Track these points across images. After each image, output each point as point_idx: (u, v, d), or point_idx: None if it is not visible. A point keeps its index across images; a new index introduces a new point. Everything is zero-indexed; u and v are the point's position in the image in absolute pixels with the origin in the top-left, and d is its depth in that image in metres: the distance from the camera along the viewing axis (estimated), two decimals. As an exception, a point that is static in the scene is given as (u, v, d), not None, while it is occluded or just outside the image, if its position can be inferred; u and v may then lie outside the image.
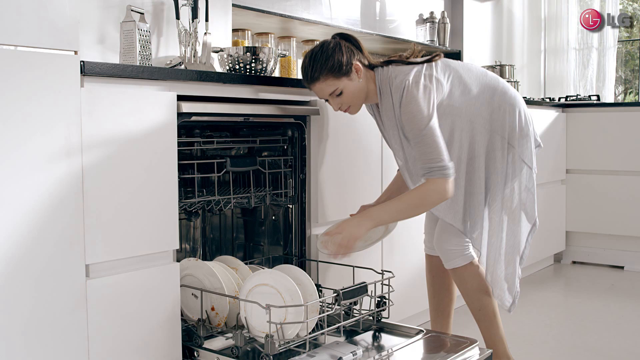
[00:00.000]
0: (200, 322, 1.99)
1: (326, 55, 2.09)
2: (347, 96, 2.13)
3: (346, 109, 2.18)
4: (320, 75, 2.09)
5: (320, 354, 1.89)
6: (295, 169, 2.42)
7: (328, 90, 2.11)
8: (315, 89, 2.14)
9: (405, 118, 2.07)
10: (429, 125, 2.04)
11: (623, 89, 6.14)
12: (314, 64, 2.10)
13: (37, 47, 1.58)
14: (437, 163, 2.02)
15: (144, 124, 1.83)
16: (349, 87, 2.11)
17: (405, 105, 2.06)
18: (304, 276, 2.03)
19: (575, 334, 3.07)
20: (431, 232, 2.48)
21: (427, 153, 2.03)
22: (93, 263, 1.72)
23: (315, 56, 2.10)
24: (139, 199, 1.82)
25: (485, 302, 2.35)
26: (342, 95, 2.12)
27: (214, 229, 2.62)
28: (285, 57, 3.19)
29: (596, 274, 4.31)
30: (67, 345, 1.65)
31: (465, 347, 2.00)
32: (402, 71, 2.14)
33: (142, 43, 2.30)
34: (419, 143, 2.05)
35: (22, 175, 1.55)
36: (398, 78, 2.11)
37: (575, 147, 4.54)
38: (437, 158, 2.02)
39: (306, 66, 2.13)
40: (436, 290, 2.53)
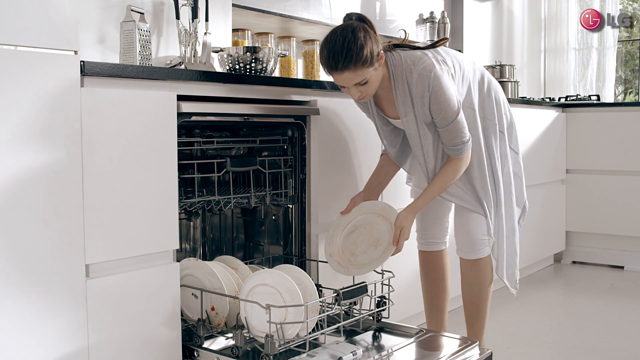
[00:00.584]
0: (200, 322, 1.99)
1: (360, 45, 1.99)
2: (371, 85, 2.08)
3: (361, 98, 2.12)
4: (352, 66, 2.00)
5: (320, 354, 1.89)
6: (295, 168, 2.42)
7: (356, 80, 2.04)
8: (342, 78, 2.04)
9: (435, 108, 2.11)
10: (458, 117, 2.13)
11: (623, 89, 6.14)
12: (347, 53, 1.99)
13: (37, 47, 1.58)
14: (463, 141, 2.16)
15: (144, 123, 1.83)
16: (374, 76, 2.07)
17: (434, 96, 2.09)
18: (304, 276, 2.03)
19: (575, 333, 3.07)
20: (427, 227, 2.50)
21: (456, 137, 2.16)
22: (93, 263, 1.72)
23: (348, 45, 1.99)
24: (139, 199, 1.82)
25: (489, 294, 2.44)
26: (366, 85, 2.06)
27: (214, 228, 2.62)
28: (285, 57, 3.18)
29: (596, 274, 4.30)
30: (67, 345, 1.65)
31: (466, 347, 2.00)
32: (415, 57, 2.14)
33: (142, 43, 2.30)
34: (448, 129, 2.14)
35: (22, 175, 1.55)
36: (417, 66, 2.11)
37: (575, 147, 4.54)
38: (463, 140, 2.16)
39: (336, 53, 2.00)
40: (430, 286, 2.54)
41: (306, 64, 3.35)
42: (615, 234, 4.42)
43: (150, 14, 2.53)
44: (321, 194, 2.44)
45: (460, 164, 2.21)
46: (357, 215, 2.28)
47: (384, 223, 2.25)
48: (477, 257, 2.36)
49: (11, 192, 1.53)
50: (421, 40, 4.38)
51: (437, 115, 2.12)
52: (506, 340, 2.95)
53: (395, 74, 2.15)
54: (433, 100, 2.09)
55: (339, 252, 2.22)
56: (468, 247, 2.36)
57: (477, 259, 2.37)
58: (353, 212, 2.29)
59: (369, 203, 2.30)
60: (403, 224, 2.17)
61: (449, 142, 2.17)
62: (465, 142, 2.17)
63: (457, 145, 2.17)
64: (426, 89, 2.09)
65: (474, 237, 2.34)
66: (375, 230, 2.25)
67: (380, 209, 2.26)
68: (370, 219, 2.26)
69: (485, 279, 2.40)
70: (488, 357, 2.01)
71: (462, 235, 2.38)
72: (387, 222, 2.24)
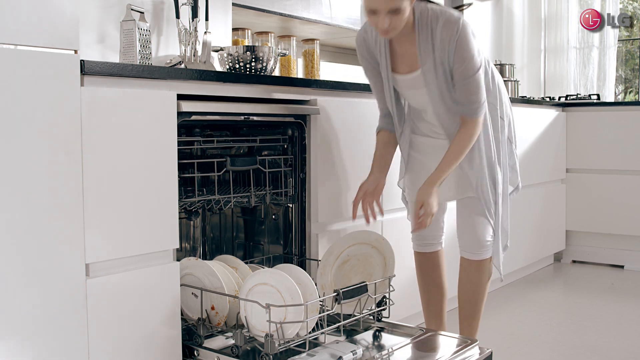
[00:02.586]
0: (200, 321, 1.99)
1: None
2: (400, 19, 2.05)
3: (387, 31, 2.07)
4: None
5: (320, 353, 1.88)
6: (295, 168, 2.42)
7: (395, 5, 2.00)
8: None
9: (459, 57, 2.11)
10: (479, 71, 2.13)
11: (623, 88, 6.14)
12: None
13: (37, 46, 1.57)
14: (479, 103, 2.16)
15: (144, 123, 1.83)
16: (406, 10, 2.05)
17: (460, 44, 2.09)
18: (304, 275, 2.03)
19: (575, 333, 3.07)
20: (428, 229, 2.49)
21: (473, 94, 2.15)
22: (93, 262, 1.72)
23: None
24: (139, 198, 1.82)
25: (487, 293, 2.46)
26: (398, 15, 2.03)
27: (214, 228, 2.62)
28: (285, 56, 3.18)
29: (596, 273, 4.30)
30: (67, 345, 1.65)
31: (466, 346, 2.00)
32: (442, 8, 2.15)
33: (142, 42, 2.30)
34: (467, 84, 2.14)
35: (22, 175, 1.55)
36: (444, 14, 2.11)
37: (575, 146, 4.54)
38: (480, 99, 2.16)
39: None
40: (427, 287, 2.54)
41: (306, 63, 3.35)
42: (616, 233, 4.42)
43: (150, 13, 2.53)
44: (321, 193, 2.44)
45: (475, 129, 2.19)
46: (351, 244, 2.23)
47: (378, 256, 2.24)
48: (482, 258, 2.37)
49: (11, 191, 1.53)
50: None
51: (460, 65, 2.11)
52: (506, 339, 2.95)
53: (421, 20, 2.15)
54: (458, 48, 2.09)
55: (330, 285, 2.19)
56: (475, 248, 2.37)
57: (482, 259, 2.37)
58: (346, 240, 2.24)
59: (362, 232, 2.26)
60: (422, 199, 2.16)
61: (465, 98, 2.15)
62: (481, 103, 2.16)
63: (473, 104, 2.15)
64: (453, 34, 2.09)
65: (481, 239, 2.35)
66: (369, 264, 2.24)
67: (374, 240, 2.24)
68: (364, 250, 2.24)
69: (486, 279, 2.42)
70: (488, 357, 2.01)
71: (468, 236, 2.38)
72: (380, 256, 2.24)
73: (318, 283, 2.17)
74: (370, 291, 2.08)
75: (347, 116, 2.55)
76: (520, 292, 3.81)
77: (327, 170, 2.46)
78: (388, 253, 2.23)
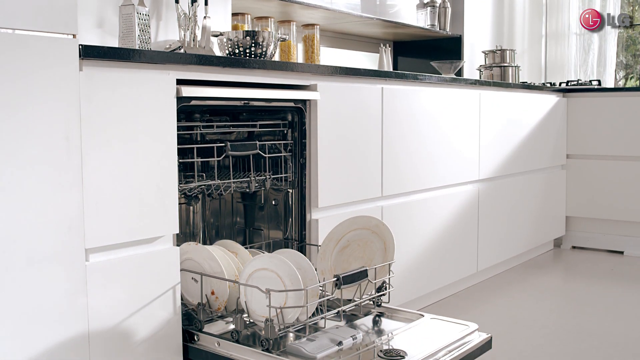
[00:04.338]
0: (200, 306, 2.00)
1: None
2: None
3: None
4: None
5: (320, 338, 1.89)
6: (295, 153, 2.41)
7: None
8: None
9: None
10: None
11: (624, 74, 6.12)
12: None
13: (35, 30, 1.57)
14: None
15: (143, 108, 1.82)
16: None
17: None
18: (304, 261, 2.03)
19: (574, 318, 3.07)
20: None
21: None
22: (93, 247, 1.72)
23: None
24: (139, 184, 1.82)
25: None
26: None
27: (214, 213, 2.62)
28: (285, 42, 3.17)
29: (596, 259, 4.31)
30: (67, 329, 1.66)
31: (465, 331, 2.01)
32: None
33: (141, 27, 2.29)
34: None
35: (21, 160, 1.55)
36: None
37: (575, 132, 4.53)
38: None
39: None
40: None
41: (306, 48, 3.33)
42: (615, 219, 4.42)
43: (149, -3, 2.52)
44: (321, 179, 2.44)
45: None
46: (351, 229, 2.20)
47: (378, 242, 2.23)
48: None
49: (10, 177, 1.53)
50: (422, 24, 4.36)
51: None
52: (505, 324, 2.96)
53: None
54: None
55: (330, 270, 2.18)
56: None
57: None
58: (346, 226, 2.21)
59: (362, 218, 2.23)
60: None
61: None
62: None
63: None
64: None
65: None
66: (369, 249, 2.23)
67: (374, 226, 2.23)
68: (364, 236, 2.22)
69: None
70: (487, 342, 2.02)
71: None
72: (380, 241, 2.23)
73: (318, 268, 2.17)
74: (370, 276, 2.08)
75: (347, 101, 2.55)
76: (520, 278, 3.82)
77: (326, 155, 2.46)
78: (388, 238, 2.22)
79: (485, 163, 3.57)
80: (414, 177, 2.98)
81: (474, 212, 3.46)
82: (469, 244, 3.44)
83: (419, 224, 3.02)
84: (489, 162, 3.61)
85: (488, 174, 3.60)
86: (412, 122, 2.95)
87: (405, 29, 4.13)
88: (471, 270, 3.48)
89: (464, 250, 3.40)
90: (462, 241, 3.37)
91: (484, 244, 3.57)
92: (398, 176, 2.80)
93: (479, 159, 3.50)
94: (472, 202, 3.44)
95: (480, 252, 3.53)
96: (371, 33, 4.20)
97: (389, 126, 2.79)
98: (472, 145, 3.44)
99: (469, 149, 3.41)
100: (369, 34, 4.24)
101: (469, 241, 3.44)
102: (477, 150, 3.48)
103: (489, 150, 3.59)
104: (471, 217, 3.44)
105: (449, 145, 3.24)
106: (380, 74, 2.79)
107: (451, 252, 3.28)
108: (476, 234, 3.49)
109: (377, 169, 2.73)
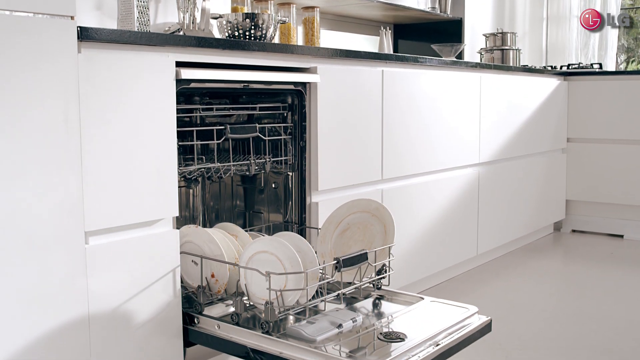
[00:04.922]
0: (200, 289, 2.00)
1: None
2: None
3: None
4: None
5: (320, 320, 1.89)
6: (295, 136, 2.41)
7: None
8: None
9: None
10: None
11: (625, 58, 6.10)
12: None
13: (33, 12, 1.55)
14: None
15: (142, 90, 1.81)
16: None
17: None
18: (304, 243, 2.03)
19: (574, 302, 3.08)
20: None
21: None
22: (92, 230, 1.72)
23: None
24: (138, 166, 1.81)
25: None
26: None
27: (214, 196, 2.62)
28: (285, 24, 3.15)
29: (596, 243, 4.32)
30: (67, 312, 1.66)
31: (465, 314, 2.01)
32: None
33: (140, 9, 2.28)
34: None
35: (19, 144, 1.54)
36: None
37: (576, 115, 4.52)
38: None
39: None
40: None
41: (306, 31, 3.32)
42: (615, 202, 4.42)
43: (148, -21, 2.50)
44: (321, 161, 2.44)
45: None
46: (351, 212, 2.19)
47: (378, 225, 2.22)
48: None
49: (8, 159, 1.53)
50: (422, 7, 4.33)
51: None
52: (505, 308, 2.97)
53: None
54: None
55: (330, 253, 2.18)
56: None
57: None
58: (346, 209, 2.19)
59: (363, 201, 2.22)
60: None
61: None
62: None
63: None
64: None
65: None
66: (369, 232, 2.23)
67: (374, 209, 2.22)
68: (364, 219, 2.21)
69: None
70: (487, 324, 2.02)
71: None
72: (380, 224, 2.22)
73: (318, 251, 2.17)
74: (370, 259, 2.08)
75: (347, 84, 2.54)
76: (519, 261, 3.82)
77: (326, 138, 2.45)
78: (388, 221, 2.22)
79: (486, 146, 3.56)
80: (414, 160, 2.97)
81: (474, 196, 3.46)
82: (469, 227, 3.44)
83: (419, 207, 3.02)
84: (489, 145, 3.60)
85: (488, 157, 3.59)
86: (413, 104, 2.95)
87: (406, 11, 4.10)
88: (471, 253, 3.49)
89: (464, 233, 3.40)
90: (462, 224, 3.38)
91: (484, 227, 3.57)
92: (398, 159, 2.79)
93: (479, 142, 3.50)
94: (472, 186, 3.44)
95: (480, 235, 3.53)
96: (371, 16, 4.18)
97: (389, 109, 2.78)
98: (472, 128, 3.43)
99: (469, 132, 3.40)
100: (369, 16, 4.22)
101: (469, 224, 3.44)
102: (477, 134, 3.47)
103: (489, 134, 3.58)
104: (471, 201, 3.44)
105: (449, 128, 3.23)
106: (380, 57, 2.78)
107: (451, 235, 3.28)
108: (476, 217, 3.49)
109: (377, 151, 2.73)
